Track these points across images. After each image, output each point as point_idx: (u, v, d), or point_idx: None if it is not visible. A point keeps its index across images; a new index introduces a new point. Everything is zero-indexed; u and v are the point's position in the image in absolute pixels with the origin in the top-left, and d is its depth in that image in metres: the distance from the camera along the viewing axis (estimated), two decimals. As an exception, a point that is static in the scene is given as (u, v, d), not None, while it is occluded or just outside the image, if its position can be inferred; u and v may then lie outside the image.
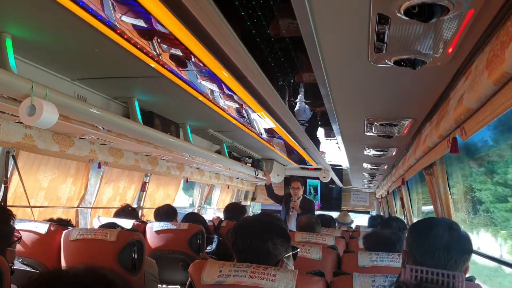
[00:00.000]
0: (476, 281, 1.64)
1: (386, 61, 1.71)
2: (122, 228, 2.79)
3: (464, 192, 3.62)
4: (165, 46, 2.12)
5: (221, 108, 3.39)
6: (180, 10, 1.62)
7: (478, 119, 1.73)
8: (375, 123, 2.98)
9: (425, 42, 1.51)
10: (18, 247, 2.53)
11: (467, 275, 1.66)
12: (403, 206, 5.48)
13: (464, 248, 1.58)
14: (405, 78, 2.03)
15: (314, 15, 1.41)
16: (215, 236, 4.22)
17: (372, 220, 6.29)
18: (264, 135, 4.75)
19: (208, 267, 1.58)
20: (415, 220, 5.44)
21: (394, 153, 4.22)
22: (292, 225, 5.73)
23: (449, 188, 3.07)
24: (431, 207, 3.58)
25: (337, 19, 1.45)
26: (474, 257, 2.05)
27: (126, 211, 3.91)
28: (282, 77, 2.51)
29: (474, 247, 1.67)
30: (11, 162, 3.06)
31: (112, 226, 2.82)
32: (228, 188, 8.00)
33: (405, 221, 5.17)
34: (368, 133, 3.32)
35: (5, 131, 2.60)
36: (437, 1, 1.21)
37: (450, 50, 1.57)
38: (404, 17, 1.30)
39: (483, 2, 1.24)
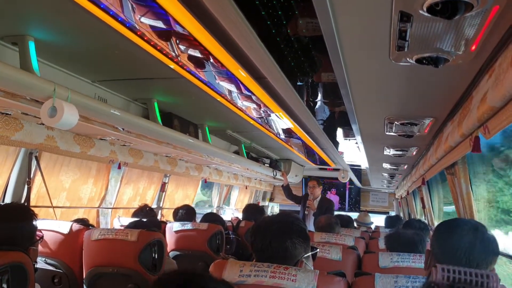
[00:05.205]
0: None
1: (407, 59, 1.69)
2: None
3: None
4: (184, 47, 2.13)
5: (239, 109, 3.39)
6: (199, 10, 1.63)
7: (502, 117, 1.69)
8: (396, 122, 2.95)
9: (447, 39, 1.48)
10: (41, 246, 2.57)
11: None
12: (423, 207, 5.41)
13: (488, 249, 1.54)
14: (426, 76, 2.00)
15: (336, 13, 1.39)
16: (233, 236, 4.23)
17: (389, 220, 6.23)
18: (282, 136, 4.73)
19: (229, 267, 1.58)
20: (436, 220, 5.37)
21: (414, 152, 4.17)
22: (310, 225, 5.69)
23: (471, 187, 3.02)
24: (452, 207, 3.52)
25: (358, 18, 1.44)
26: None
27: (144, 211, 3.94)
28: (301, 77, 2.49)
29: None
30: (34, 163, 3.11)
31: (140, 225, 2.84)
32: (246, 188, 8.01)
33: (426, 221, 5.10)
34: (388, 133, 3.28)
35: (28, 133, 2.64)
36: (460, -3, 1.19)
37: (473, 48, 1.54)
38: (427, 14, 1.28)
39: (507, -2, 1.22)
